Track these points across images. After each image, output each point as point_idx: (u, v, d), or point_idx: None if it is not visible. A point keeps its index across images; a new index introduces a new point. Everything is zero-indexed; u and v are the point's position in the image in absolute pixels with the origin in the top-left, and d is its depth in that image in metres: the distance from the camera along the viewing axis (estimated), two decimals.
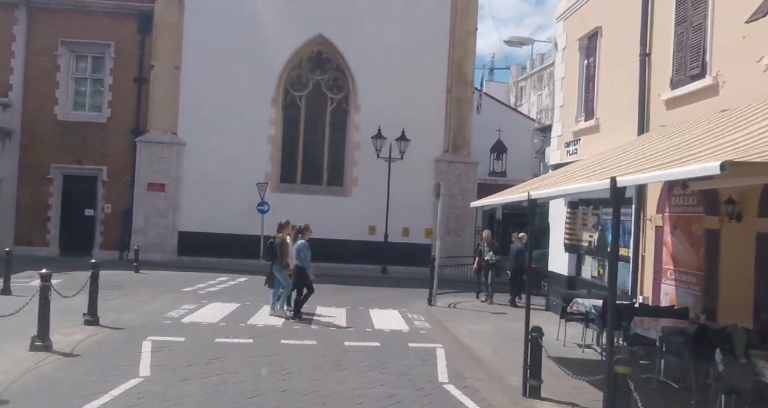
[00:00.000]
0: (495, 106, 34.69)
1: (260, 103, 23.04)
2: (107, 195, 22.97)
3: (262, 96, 23.08)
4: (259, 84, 23.05)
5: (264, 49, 22.97)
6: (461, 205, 23.77)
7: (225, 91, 22.75)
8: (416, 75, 23.52)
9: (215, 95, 22.71)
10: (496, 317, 13.38)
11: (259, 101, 23.02)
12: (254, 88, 22.99)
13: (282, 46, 23.14)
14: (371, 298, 16.05)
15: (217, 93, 22.72)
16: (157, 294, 14.69)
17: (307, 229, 12.43)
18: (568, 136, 14.24)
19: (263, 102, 23.09)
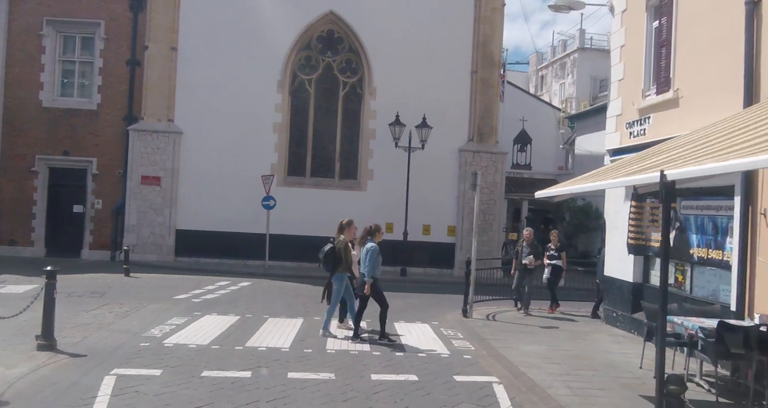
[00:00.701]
0: (517, 95, 32.39)
1: (265, 87, 20.82)
2: (98, 189, 20.83)
3: (268, 80, 20.86)
4: (264, 66, 20.82)
5: (269, 27, 20.74)
6: (488, 200, 21.48)
7: (226, 74, 20.55)
8: (437, 55, 21.25)
9: (216, 79, 20.52)
10: (549, 334, 11.08)
11: (264, 85, 20.80)
12: (259, 71, 20.77)
13: (289, 24, 20.90)
14: (393, 306, 13.70)
15: (217, 76, 20.53)
16: (144, 303, 12.51)
17: (378, 230, 10.27)
18: (631, 114, 11.90)
19: (269, 86, 20.86)
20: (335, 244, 10.19)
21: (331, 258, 10.11)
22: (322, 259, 10.15)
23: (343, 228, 10.39)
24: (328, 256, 10.11)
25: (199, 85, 20.49)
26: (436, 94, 21.08)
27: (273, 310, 12.50)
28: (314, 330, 10.51)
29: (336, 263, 10.09)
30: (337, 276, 10.17)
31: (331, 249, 10.13)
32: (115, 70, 20.85)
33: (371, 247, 9.85)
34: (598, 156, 26.17)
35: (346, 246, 10.16)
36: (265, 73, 20.84)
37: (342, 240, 10.20)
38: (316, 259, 10.30)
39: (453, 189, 21.52)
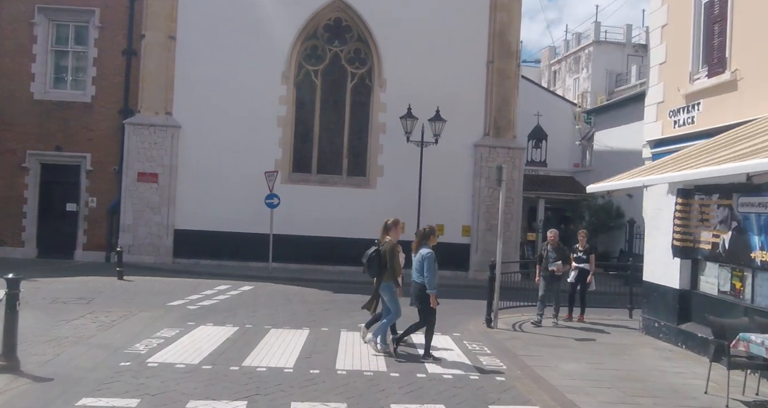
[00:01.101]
0: (531, 89, 31.04)
1: (269, 79, 19.62)
2: (92, 187, 19.67)
3: (271, 71, 19.66)
4: (268, 57, 19.62)
5: (273, 15, 19.55)
6: (505, 198, 20.12)
7: (227, 64, 19.37)
8: (451, 45, 20.02)
9: (216, 70, 19.35)
10: (587, 348, 9.83)
11: (267, 77, 19.60)
12: (262, 62, 19.57)
13: (294, 12, 19.70)
14: (407, 315, 12.52)
15: (218, 67, 19.36)
16: (134, 311, 11.33)
17: (433, 233, 8.93)
18: (675, 101, 10.64)
19: (272, 78, 19.67)
20: (380, 246, 8.93)
21: (375, 263, 8.88)
22: (365, 263, 8.95)
23: (389, 228, 9.12)
24: (372, 260, 8.89)
25: (198, 76, 19.33)
26: (449, 85, 19.85)
27: (276, 318, 11.30)
28: (321, 343, 9.31)
29: (381, 269, 8.82)
30: (384, 285, 8.91)
31: (376, 252, 8.89)
32: (110, 61, 19.70)
33: (428, 254, 8.58)
34: (619, 152, 24.88)
35: (393, 249, 8.88)
36: (269, 64, 19.65)
37: (388, 242, 8.94)
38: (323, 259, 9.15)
39: (468, 186, 20.28)
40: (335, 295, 15.00)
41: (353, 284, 17.23)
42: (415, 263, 8.73)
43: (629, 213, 23.16)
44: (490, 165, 20.16)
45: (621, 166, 24.66)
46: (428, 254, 8.57)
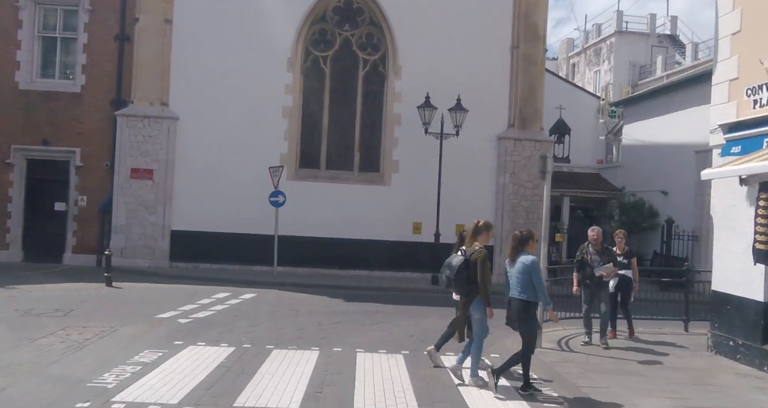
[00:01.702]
0: (551, 81, 29.16)
1: (273, 66, 17.98)
2: (82, 184, 18.09)
3: (276, 57, 18.02)
4: (272, 42, 17.98)
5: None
6: (531, 195, 18.53)
7: (228, 50, 17.76)
8: (472, 28, 18.35)
9: (216, 56, 17.74)
10: (658, 374, 8.12)
11: (271, 64, 17.97)
12: (266, 48, 17.94)
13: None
14: (432, 329, 10.85)
15: (218, 53, 17.75)
16: (115, 325, 9.72)
17: (532, 237, 7.31)
18: (754, 76, 8.90)
19: (277, 65, 18.03)
20: (469, 255, 7.30)
21: (464, 276, 7.24)
22: (452, 278, 7.32)
23: (479, 232, 7.45)
24: (461, 273, 7.25)
25: (197, 63, 17.71)
26: (470, 73, 18.16)
27: (280, 335, 9.65)
28: (333, 369, 7.65)
29: (472, 284, 7.21)
30: (476, 303, 7.32)
31: (465, 264, 7.27)
32: (101, 47, 18.11)
33: (533, 262, 7.03)
34: (651, 146, 23.09)
35: (486, 260, 7.28)
36: (273, 50, 18.01)
37: (479, 250, 7.31)
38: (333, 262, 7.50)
39: (490, 183, 18.57)
40: (347, 305, 13.34)
41: (365, 291, 15.68)
42: (514, 275, 7.13)
43: (665, 212, 21.40)
44: (515, 159, 18.52)
45: (654, 161, 23.11)
46: (534, 262, 7.01)
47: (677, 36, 35.94)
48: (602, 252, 10.13)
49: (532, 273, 6.95)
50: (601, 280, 10.05)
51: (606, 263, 9.89)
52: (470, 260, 7.24)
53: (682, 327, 11.68)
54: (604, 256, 9.92)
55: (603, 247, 10.18)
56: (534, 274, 6.95)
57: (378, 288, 16.22)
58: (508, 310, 7.30)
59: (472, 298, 7.30)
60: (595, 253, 10.12)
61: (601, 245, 10.02)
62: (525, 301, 7.02)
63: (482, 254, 7.24)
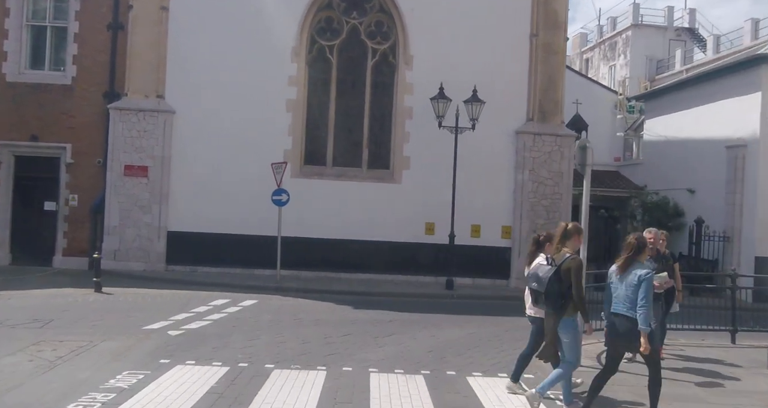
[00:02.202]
0: (567, 75, 27.98)
1: (277, 56, 16.86)
2: (73, 183, 17.02)
3: (279, 46, 16.89)
4: (275, 30, 16.86)
5: None
6: (551, 193, 17.37)
7: (229, 39, 16.66)
8: (488, 16, 17.23)
9: (216, 46, 16.64)
10: (727, 400, 6.95)
11: (275, 54, 16.85)
12: (268, 36, 16.82)
13: None
14: (452, 342, 9.74)
15: (218, 43, 16.65)
16: (95, 339, 8.61)
17: (645, 245, 6.23)
18: None
19: (281, 55, 16.90)
20: (559, 264, 6.21)
21: (556, 290, 6.11)
22: (541, 292, 6.17)
23: (569, 236, 6.39)
24: (553, 285, 6.10)
25: (195, 53, 16.61)
26: (486, 63, 17.01)
27: (281, 351, 8.50)
28: (343, 396, 6.51)
29: (565, 298, 6.10)
30: (568, 321, 6.24)
31: (556, 274, 6.13)
32: (93, 37, 17.04)
33: (647, 276, 5.88)
34: (675, 141, 21.80)
35: (580, 268, 6.19)
36: (276, 39, 16.88)
37: (573, 258, 6.23)
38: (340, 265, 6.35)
39: (508, 180, 17.40)
40: (356, 313, 12.21)
41: (375, 296, 14.57)
42: (623, 288, 5.95)
43: (691, 211, 20.16)
44: (535, 155, 17.37)
45: (680, 158, 21.78)
46: (647, 276, 5.85)
47: (696, 29, 34.66)
48: (658, 259, 8.80)
49: (643, 288, 5.80)
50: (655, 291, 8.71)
51: (660, 272, 8.61)
52: (562, 269, 6.10)
53: (728, 338, 10.49)
54: (660, 264, 8.59)
55: (659, 253, 8.87)
56: (643, 289, 5.80)
57: (389, 293, 15.09)
58: (609, 329, 6.15)
59: (560, 314, 6.18)
60: (649, 259, 8.82)
61: (657, 251, 8.73)
62: (636, 319, 5.86)
63: (577, 262, 6.16)
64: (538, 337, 6.76)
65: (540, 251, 6.74)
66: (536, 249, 6.82)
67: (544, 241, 6.82)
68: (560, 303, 6.11)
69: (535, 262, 6.66)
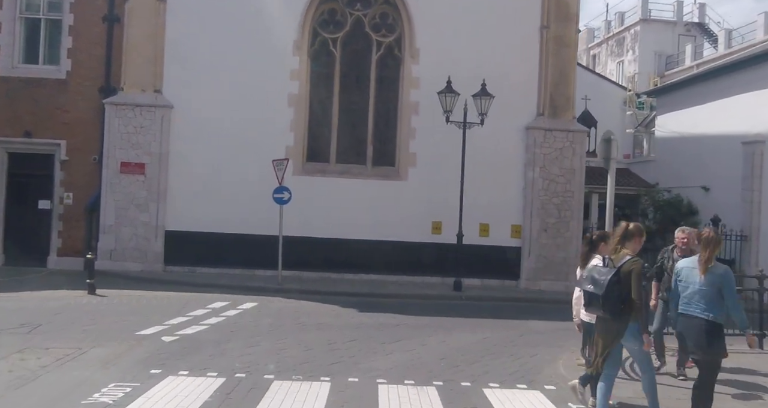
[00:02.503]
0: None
1: (278, 49, 16.28)
2: (67, 180, 16.46)
3: (281, 39, 16.31)
4: (277, 23, 16.26)
5: None
6: (563, 191, 16.76)
7: (228, 32, 16.08)
8: (497, 7, 16.65)
9: (215, 38, 16.07)
10: None
11: (276, 47, 16.26)
12: (270, 29, 16.23)
13: None
14: (464, 348, 9.16)
15: (217, 35, 16.07)
16: (84, 346, 8.06)
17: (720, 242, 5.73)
18: None
19: (282, 48, 16.32)
20: (618, 266, 5.68)
21: (616, 294, 5.56)
22: (599, 296, 5.59)
23: (630, 237, 5.86)
24: (612, 289, 5.55)
25: (193, 46, 16.04)
26: (495, 56, 16.41)
27: (282, 359, 7.93)
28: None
29: (624, 302, 5.57)
30: (633, 328, 5.71)
31: (616, 277, 5.59)
32: (88, 29, 16.46)
33: (729, 273, 5.59)
34: (689, 138, 21.15)
35: (640, 272, 5.66)
36: (278, 32, 16.29)
37: (634, 260, 5.71)
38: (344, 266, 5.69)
39: (518, 178, 16.80)
40: (361, 316, 11.63)
41: (381, 298, 14.03)
42: (698, 287, 5.53)
43: (705, 209, 19.54)
44: (546, 151, 16.76)
45: (693, 154, 21.11)
46: (728, 273, 5.54)
47: (706, 24, 34.00)
48: None
49: (726, 287, 5.42)
50: None
51: None
52: (622, 272, 5.57)
53: (757, 343, 9.86)
54: None
55: (693, 253, 8.13)
56: (728, 289, 5.42)
57: (394, 295, 14.51)
58: (681, 332, 5.71)
59: (625, 321, 5.62)
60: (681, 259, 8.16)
61: (691, 251, 8.05)
62: (712, 322, 5.42)
63: (639, 265, 5.63)
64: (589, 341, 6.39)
65: (594, 252, 6.34)
66: (589, 249, 6.40)
67: (598, 240, 6.38)
68: (619, 308, 5.57)
69: (590, 263, 6.17)
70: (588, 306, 5.88)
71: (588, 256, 6.37)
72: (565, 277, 16.53)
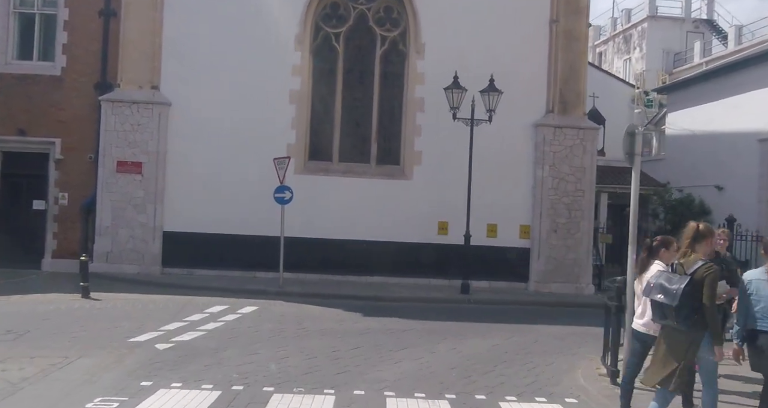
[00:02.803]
0: None
1: (279, 44, 15.80)
2: (62, 180, 15.99)
3: (282, 34, 15.83)
4: (278, 17, 15.80)
5: None
6: (573, 190, 16.23)
7: (228, 27, 15.62)
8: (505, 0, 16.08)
9: (214, 33, 15.61)
10: None
11: (277, 42, 15.79)
12: (271, 24, 15.77)
13: None
14: (476, 356, 8.64)
15: (217, 30, 15.61)
16: (72, 355, 7.56)
17: None
18: None
19: (283, 43, 15.84)
20: (691, 273, 5.18)
21: (690, 303, 5.06)
22: (671, 306, 5.07)
23: (700, 239, 5.36)
24: (686, 298, 5.04)
25: (192, 41, 15.57)
26: (503, 51, 15.92)
27: (283, 368, 7.43)
28: None
29: (699, 313, 5.08)
30: (708, 343, 5.18)
31: (690, 285, 5.07)
32: (84, 24, 16.00)
33: None
34: (701, 135, 20.64)
35: (716, 280, 5.15)
36: (279, 26, 15.82)
37: (707, 265, 5.20)
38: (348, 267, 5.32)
39: (527, 176, 16.28)
40: (366, 321, 11.13)
41: (386, 302, 13.55)
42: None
43: (719, 209, 19.00)
44: (555, 149, 16.26)
45: (706, 152, 20.53)
46: None
47: (715, 21, 33.43)
48: (718, 262, 7.39)
49: None
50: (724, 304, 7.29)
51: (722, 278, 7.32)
52: (695, 279, 5.07)
53: None
54: (727, 268, 7.27)
55: (719, 255, 7.49)
56: None
57: (400, 298, 14.01)
58: (755, 349, 5.23)
59: (701, 333, 5.14)
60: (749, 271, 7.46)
61: (717, 253, 7.45)
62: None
63: (714, 272, 5.10)
64: (642, 357, 5.82)
65: (653, 258, 5.78)
66: (648, 255, 5.85)
67: (659, 247, 5.85)
68: (693, 319, 5.06)
69: (652, 270, 5.66)
70: (658, 317, 5.32)
71: (647, 263, 5.83)
72: (576, 280, 16.07)
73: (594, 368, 7.89)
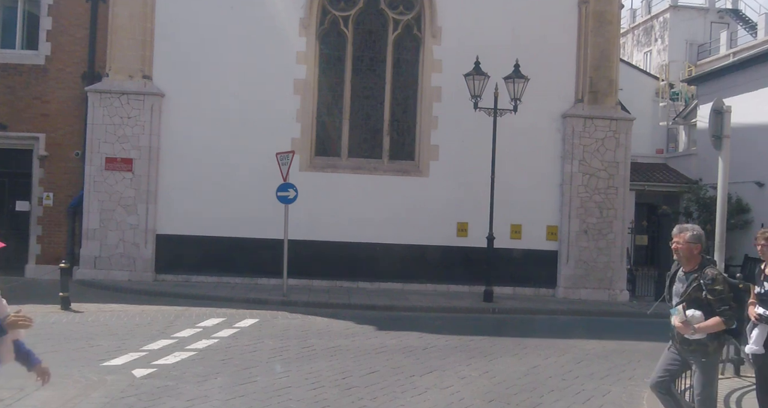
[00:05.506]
0: None
1: (283, 29, 14.49)
2: (47, 178, 14.74)
3: (286, 18, 14.51)
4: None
5: None
6: (605, 187, 14.81)
7: (227, 11, 14.34)
8: None
9: (212, 18, 14.33)
10: None
11: (281, 26, 14.48)
12: (273, 6, 14.49)
13: None
14: (513, 382, 7.25)
15: (214, 14, 14.33)
16: (31, 384, 6.17)
17: None
18: None
19: (287, 28, 14.52)
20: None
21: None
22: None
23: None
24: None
25: (187, 26, 14.30)
26: (527, 35, 14.61)
27: (284, 404, 6.04)
28: None
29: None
30: None
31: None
32: (70, 9, 14.75)
33: None
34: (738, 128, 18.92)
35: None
36: (282, 9, 14.52)
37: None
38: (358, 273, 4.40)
39: (554, 172, 14.89)
40: (381, 336, 9.75)
41: (402, 312, 12.22)
42: None
43: (759, 207, 17.57)
44: (585, 142, 14.87)
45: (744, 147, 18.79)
46: None
47: (741, 10, 31.87)
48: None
49: None
50: None
51: None
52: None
53: None
54: None
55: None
56: None
57: (417, 307, 12.62)
58: None
59: None
60: None
61: None
62: None
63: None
64: None
65: None
66: None
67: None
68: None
69: None
70: None
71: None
72: (609, 285, 14.67)
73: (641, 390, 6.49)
